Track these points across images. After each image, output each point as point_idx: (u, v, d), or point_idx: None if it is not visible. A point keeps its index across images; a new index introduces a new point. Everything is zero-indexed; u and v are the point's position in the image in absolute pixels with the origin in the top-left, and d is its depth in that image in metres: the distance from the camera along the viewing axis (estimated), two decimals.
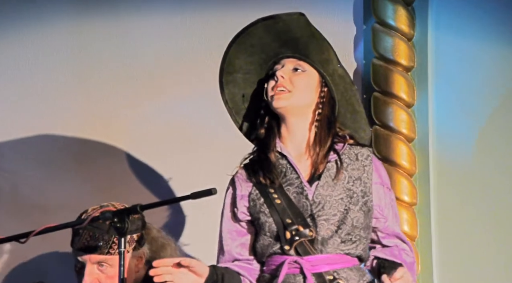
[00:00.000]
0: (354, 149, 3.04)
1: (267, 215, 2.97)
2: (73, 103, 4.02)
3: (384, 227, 3.06)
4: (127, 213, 2.79)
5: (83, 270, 3.17)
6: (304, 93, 2.99)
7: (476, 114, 3.73)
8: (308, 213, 2.95)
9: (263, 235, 2.98)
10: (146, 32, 3.98)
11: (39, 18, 4.06)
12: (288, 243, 2.93)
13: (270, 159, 2.99)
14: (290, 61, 3.03)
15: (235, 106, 3.10)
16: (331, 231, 2.94)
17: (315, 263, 2.93)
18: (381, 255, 3.05)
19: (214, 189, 2.73)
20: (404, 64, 3.78)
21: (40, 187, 4.00)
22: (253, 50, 3.04)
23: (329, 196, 2.96)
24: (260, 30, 3.02)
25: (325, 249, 2.94)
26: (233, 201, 3.04)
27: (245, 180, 3.03)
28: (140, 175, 3.93)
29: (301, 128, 3.02)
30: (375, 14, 3.80)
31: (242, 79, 3.08)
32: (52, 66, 4.05)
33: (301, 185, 2.97)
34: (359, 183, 3.00)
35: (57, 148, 4.00)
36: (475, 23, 3.76)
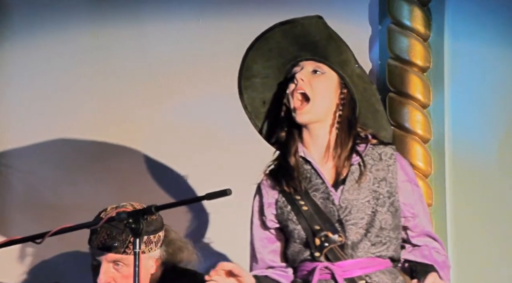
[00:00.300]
0: (377, 148, 3.01)
1: (295, 222, 2.95)
2: (89, 105, 4.03)
3: (413, 225, 3.02)
4: (142, 214, 2.79)
5: (99, 268, 3.18)
6: (324, 97, 2.98)
7: (492, 115, 3.72)
8: (336, 218, 2.93)
9: (293, 242, 2.97)
10: (163, 35, 3.99)
11: (56, 20, 4.08)
12: (318, 250, 2.91)
13: (291, 164, 2.97)
14: (309, 64, 3.01)
15: (254, 110, 3.09)
16: (360, 235, 2.92)
17: (346, 268, 2.91)
18: (411, 258, 3.02)
19: (229, 189, 2.73)
20: (419, 64, 3.77)
21: (56, 188, 4.01)
22: (271, 54, 3.04)
23: (355, 200, 2.94)
24: (278, 35, 3.01)
25: (356, 253, 2.92)
26: (261, 209, 3.03)
27: (271, 187, 3.02)
28: (155, 176, 3.94)
29: (322, 132, 3.00)
30: (390, 15, 3.79)
31: (261, 83, 3.07)
32: (69, 68, 4.07)
33: (327, 190, 2.95)
34: (385, 183, 2.97)
35: (73, 149, 4.01)
36: (491, 24, 3.74)
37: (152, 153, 3.96)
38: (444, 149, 3.74)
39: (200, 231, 3.81)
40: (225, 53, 3.93)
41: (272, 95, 3.07)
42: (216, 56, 3.95)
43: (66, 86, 4.06)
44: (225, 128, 3.89)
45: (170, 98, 3.96)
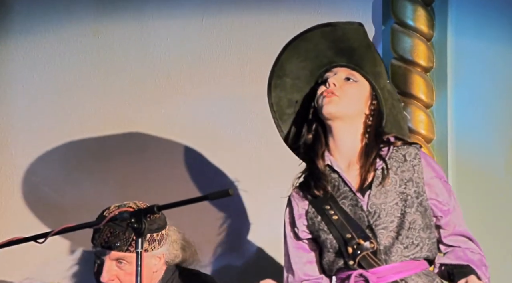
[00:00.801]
0: (401, 149, 2.99)
1: (327, 232, 2.94)
2: (91, 104, 4.03)
3: (445, 223, 3.00)
4: (145, 214, 2.79)
5: (101, 266, 3.19)
6: (353, 101, 2.97)
7: (495, 115, 3.72)
8: (366, 224, 2.92)
9: (326, 252, 2.96)
10: (166, 34, 3.99)
11: (58, 19, 4.08)
12: (352, 258, 2.90)
13: (319, 167, 2.96)
14: (343, 70, 3.01)
15: (279, 110, 3.08)
16: (391, 238, 2.91)
17: (381, 274, 2.90)
18: (446, 261, 2.99)
19: (231, 189, 2.72)
20: (423, 64, 3.77)
21: (58, 188, 4.01)
22: (307, 55, 3.03)
23: (383, 204, 2.93)
24: (318, 37, 3.00)
25: (390, 258, 2.90)
26: (292, 221, 3.02)
27: (301, 198, 3.01)
28: (158, 175, 3.94)
29: (349, 139, 2.99)
30: (394, 15, 3.79)
31: (290, 84, 3.06)
32: (71, 67, 4.06)
33: (355, 197, 2.94)
34: (411, 184, 2.96)
35: (75, 148, 4.01)
36: (494, 24, 3.74)
37: (155, 152, 3.96)
38: (447, 149, 3.74)
39: (204, 231, 3.82)
40: (228, 52, 3.93)
41: (299, 97, 3.06)
42: (219, 55, 3.95)
43: (68, 85, 4.06)
44: (228, 128, 3.89)
45: (172, 98, 3.96)
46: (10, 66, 4.12)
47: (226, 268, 3.84)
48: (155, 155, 3.96)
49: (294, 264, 3.02)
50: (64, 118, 4.04)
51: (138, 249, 2.73)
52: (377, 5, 3.84)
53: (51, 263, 3.90)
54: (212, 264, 3.74)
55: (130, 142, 3.97)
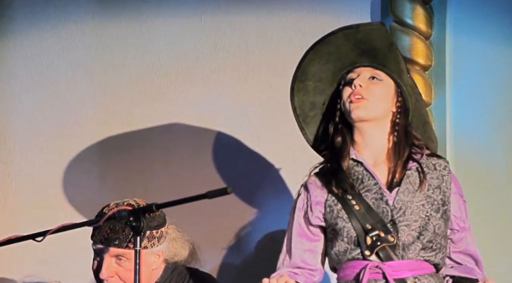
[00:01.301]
0: (431, 159, 3.04)
1: (346, 220, 2.96)
2: (91, 102, 4.03)
3: (458, 239, 3.05)
4: (143, 212, 2.80)
5: (101, 262, 3.19)
6: (380, 102, 3.00)
7: (494, 114, 3.72)
8: (389, 219, 2.94)
9: (339, 241, 2.97)
10: (165, 33, 3.99)
11: (57, 18, 4.08)
12: (369, 249, 2.92)
13: (343, 168, 2.98)
14: (366, 70, 3.03)
15: (303, 114, 3.10)
16: (412, 237, 2.93)
17: (397, 268, 2.92)
18: (455, 273, 3.04)
19: (229, 188, 2.72)
20: (421, 63, 3.77)
21: (57, 185, 4.02)
22: (329, 58, 3.04)
23: (410, 202, 2.96)
24: (340, 39, 3.02)
25: (406, 254, 2.93)
26: (306, 206, 3.03)
27: (320, 187, 3.02)
28: (157, 173, 3.94)
29: (378, 137, 3.02)
30: (392, 13, 3.79)
31: (313, 87, 3.08)
32: (70, 66, 4.07)
33: (380, 191, 2.97)
34: (439, 191, 3.00)
35: (75, 146, 4.01)
36: (493, 22, 3.74)
37: (153, 150, 3.96)
38: (446, 147, 3.74)
39: (203, 229, 3.82)
40: (227, 51, 3.93)
41: (322, 99, 3.09)
42: (218, 53, 3.95)
43: (67, 84, 4.07)
44: (227, 126, 3.89)
45: (171, 96, 3.96)
46: (9, 65, 4.12)
47: (224, 266, 3.84)
48: (154, 153, 3.96)
49: (295, 248, 3.03)
50: (63, 117, 4.04)
51: (137, 247, 2.74)
52: (375, 4, 3.84)
53: (49, 261, 3.90)
54: (210, 262, 3.75)
55: (129, 140, 3.98)
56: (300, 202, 3.05)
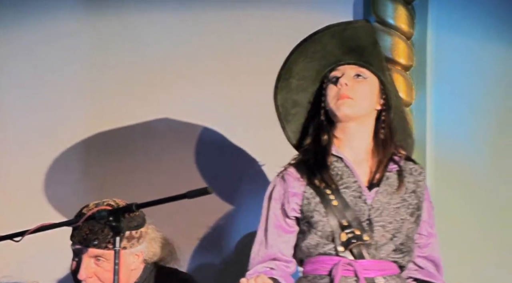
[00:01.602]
0: (408, 164, 3.06)
1: (322, 214, 2.96)
2: (79, 100, 4.01)
3: (424, 244, 3.08)
4: (123, 212, 2.79)
5: (80, 263, 3.17)
6: (366, 100, 3.01)
7: (474, 114, 3.73)
8: (365, 217, 2.96)
9: (312, 234, 2.98)
10: (153, 30, 3.98)
11: (44, 14, 4.06)
12: (344, 245, 2.94)
13: (327, 163, 2.99)
14: (351, 68, 3.03)
15: (284, 111, 3.11)
16: (386, 238, 2.96)
17: (368, 267, 2.95)
18: (419, 277, 3.09)
19: (210, 187, 2.72)
20: (403, 63, 3.78)
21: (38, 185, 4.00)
22: (314, 56, 3.05)
23: (387, 204, 2.98)
24: (327, 37, 3.02)
25: (378, 254, 2.96)
26: (283, 197, 3.03)
27: (298, 178, 3.02)
28: (143, 172, 3.93)
29: (361, 135, 3.03)
30: (374, 13, 3.79)
31: (296, 85, 3.08)
32: (57, 63, 4.05)
33: (359, 189, 2.99)
34: (414, 196, 3.03)
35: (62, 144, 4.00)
36: (474, 23, 3.75)
37: (138, 148, 3.95)
38: (426, 147, 3.76)
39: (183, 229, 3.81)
40: (215, 48, 3.93)
41: (304, 97, 3.09)
42: (207, 50, 3.94)
43: (55, 83, 4.04)
44: (215, 123, 3.89)
45: (159, 94, 3.95)
46: None
47: (204, 266, 3.84)
48: (136, 152, 3.95)
49: (271, 239, 3.03)
50: (47, 114, 4.02)
51: (116, 248, 2.73)
52: (358, 3, 3.85)
53: (28, 261, 3.88)
54: (190, 262, 3.74)
55: (111, 139, 3.96)
56: (276, 193, 3.05)
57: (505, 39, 3.71)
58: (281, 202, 3.03)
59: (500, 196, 3.68)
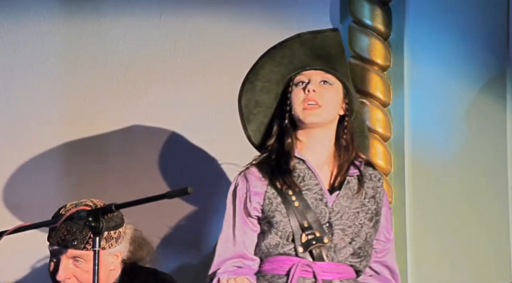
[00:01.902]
0: (367, 169, 3.12)
1: (283, 214, 3.00)
2: (50, 102, 4.00)
3: (381, 249, 3.13)
4: (102, 212, 2.78)
5: (58, 264, 3.16)
6: (332, 107, 3.06)
7: (451, 114, 3.75)
8: (326, 220, 3.00)
9: (273, 234, 3.00)
10: (124, 32, 3.97)
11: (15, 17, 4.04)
12: (304, 246, 2.98)
13: (290, 167, 3.02)
14: (317, 74, 3.08)
15: (247, 111, 3.14)
16: (344, 241, 3.01)
17: (326, 269, 2.99)
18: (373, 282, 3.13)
19: (190, 187, 2.72)
20: (380, 63, 3.79)
21: (14, 185, 3.98)
22: (282, 61, 3.08)
23: (348, 207, 3.03)
24: (296, 44, 3.07)
25: (337, 257, 3.00)
26: (246, 196, 3.05)
27: (260, 178, 3.05)
28: (117, 173, 3.92)
29: (324, 140, 3.07)
30: (351, 13, 3.81)
31: (260, 87, 3.11)
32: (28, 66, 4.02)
33: (321, 192, 3.03)
34: (373, 201, 3.08)
35: (34, 146, 3.98)
36: (451, 23, 3.77)
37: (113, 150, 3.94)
38: (404, 147, 3.77)
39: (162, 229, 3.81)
40: (186, 50, 3.93)
41: (267, 98, 3.12)
42: (178, 52, 3.94)
43: (25, 84, 4.02)
44: (186, 126, 3.89)
45: (130, 96, 3.95)
46: None
47: (183, 266, 3.84)
48: (113, 153, 3.94)
49: (239, 236, 3.05)
50: (22, 116, 4.00)
51: (96, 248, 2.72)
52: (334, 4, 3.86)
53: (5, 262, 3.87)
54: (169, 262, 3.74)
55: (88, 140, 3.95)
56: (240, 192, 3.07)
57: (481, 39, 3.74)
58: (244, 201, 3.06)
59: (478, 196, 3.71)
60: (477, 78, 3.75)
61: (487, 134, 3.72)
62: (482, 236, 3.67)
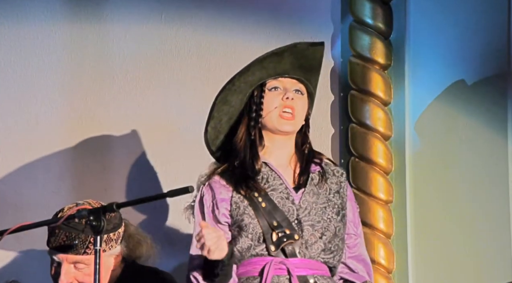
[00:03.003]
0: (329, 166, 3.19)
1: (252, 216, 3.04)
2: (50, 101, 4.00)
3: (353, 244, 3.17)
4: (103, 211, 2.78)
5: (59, 269, 3.16)
6: (302, 117, 3.15)
7: (451, 113, 3.75)
8: (294, 217, 3.05)
9: (244, 237, 3.03)
10: (125, 31, 3.97)
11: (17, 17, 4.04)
12: (275, 245, 3.01)
13: (256, 170, 3.07)
14: (291, 82, 3.14)
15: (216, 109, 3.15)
16: (315, 237, 3.05)
17: (299, 265, 3.02)
18: (348, 277, 3.16)
19: (191, 186, 2.73)
20: (381, 62, 3.79)
21: (15, 185, 3.98)
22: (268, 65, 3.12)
23: (315, 203, 3.08)
24: (287, 53, 3.12)
25: (309, 253, 3.03)
26: (213, 204, 3.09)
27: (224, 185, 3.09)
28: (117, 173, 3.92)
29: (286, 145, 3.14)
30: (352, 12, 3.80)
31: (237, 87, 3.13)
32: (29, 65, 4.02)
33: (286, 191, 3.08)
34: (338, 196, 3.13)
35: (34, 145, 3.98)
36: (451, 22, 3.77)
37: (113, 150, 3.94)
38: (405, 146, 3.77)
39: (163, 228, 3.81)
40: (187, 50, 3.93)
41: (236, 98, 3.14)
42: (179, 52, 3.94)
43: (26, 84, 4.02)
44: (187, 126, 3.88)
45: (131, 95, 3.94)
46: None
47: (184, 265, 3.83)
48: (114, 152, 3.93)
49: None
50: (21, 115, 4.00)
51: (97, 247, 2.72)
52: (335, 3, 3.86)
53: (7, 261, 3.86)
54: (169, 261, 3.73)
55: (89, 139, 3.95)
56: (207, 201, 3.10)
57: (482, 37, 3.73)
58: (211, 209, 3.09)
59: (478, 195, 3.71)
60: (477, 77, 3.74)
61: (488, 133, 3.71)
62: (482, 235, 3.67)
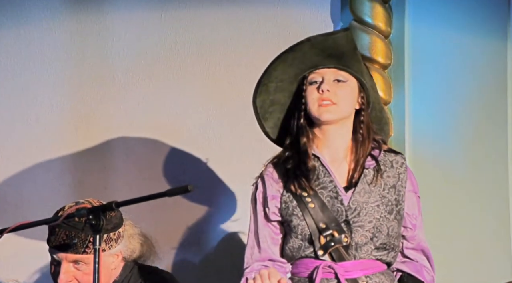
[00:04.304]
0: (389, 155, 3.07)
1: (300, 218, 2.98)
2: (50, 99, 4.01)
3: (411, 236, 3.08)
4: (103, 210, 2.78)
5: (59, 267, 3.16)
6: (348, 104, 3.03)
7: (452, 112, 3.75)
8: (343, 219, 2.97)
9: (294, 238, 2.99)
10: (125, 29, 3.97)
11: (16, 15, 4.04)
12: (323, 249, 2.95)
13: (308, 167, 3.00)
14: (330, 72, 3.05)
15: (262, 111, 3.12)
16: (365, 237, 2.97)
17: (349, 268, 2.95)
18: (405, 269, 3.09)
19: (190, 185, 2.72)
20: (381, 61, 3.79)
21: (15, 185, 3.98)
22: (293, 62, 3.06)
23: (365, 203, 2.99)
24: (306, 47, 3.04)
25: (359, 254, 2.96)
26: (264, 201, 3.05)
27: (276, 179, 3.04)
28: (117, 171, 3.93)
29: (340, 135, 3.05)
30: (352, 12, 3.81)
31: (274, 87, 3.10)
32: (29, 63, 4.03)
33: (336, 190, 2.99)
34: (394, 191, 3.02)
35: (33, 144, 3.98)
36: (451, 21, 3.77)
37: (113, 148, 3.94)
38: (405, 145, 3.77)
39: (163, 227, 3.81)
40: (187, 47, 3.93)
41: (281, 96, 3.11)
42: (179, 50, 3.94)
43: (25, 81, 4.03)
44: (187, 124, 3.89)
45: (131, 94, 3.95)
46: None
47: (184, 263, 3.84)
48: (114, 151, 3.94)
49: (262, 242, 3.03)
50: (21, 114, 4.01)
51: (96, 246, 2.72)
52: (335, 2, 3.86)
53: (6, 260, 3.87)
54: (170, 259, 3.74)
55: (88, 138, 3.95)
56: (259, 195, 3.06)
57: (482, 37, 3.73)
58: (263, 205, 3.05)
59: (478, 194, 3.71)
60: (478, 77, 3.75)
61: (488, 132, 3.72)
62: (483, 234, 3.67)
